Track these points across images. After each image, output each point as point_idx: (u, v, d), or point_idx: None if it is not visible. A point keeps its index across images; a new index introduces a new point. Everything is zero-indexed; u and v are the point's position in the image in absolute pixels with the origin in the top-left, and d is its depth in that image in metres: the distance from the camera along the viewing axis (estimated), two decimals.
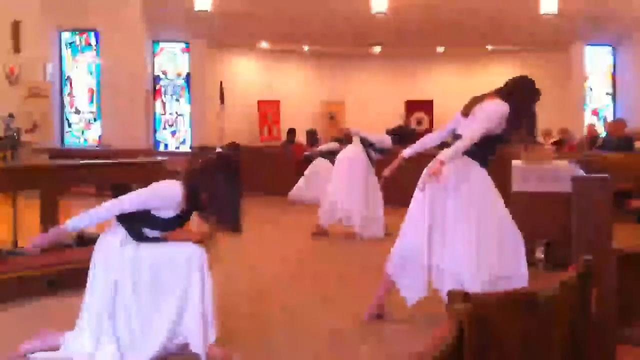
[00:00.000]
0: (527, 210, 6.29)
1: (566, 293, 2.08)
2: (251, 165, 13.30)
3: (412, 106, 18.13)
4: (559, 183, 6.22)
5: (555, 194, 6.20)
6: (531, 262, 5.95)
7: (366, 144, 8.14)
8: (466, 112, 4.45)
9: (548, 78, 17.27)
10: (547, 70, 17.32)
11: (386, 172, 4.95)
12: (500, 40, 16.81)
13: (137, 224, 3.79)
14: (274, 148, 14.61)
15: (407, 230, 4.53)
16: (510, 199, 6.41)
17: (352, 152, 8.23)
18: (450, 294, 1.72)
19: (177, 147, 16.41)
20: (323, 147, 11.70)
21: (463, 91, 18.19)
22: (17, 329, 4.25)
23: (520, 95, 4.41)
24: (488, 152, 4.41)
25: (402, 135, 8.03)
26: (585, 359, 2.22)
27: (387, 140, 8.07)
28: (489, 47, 17.66)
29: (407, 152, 4.79)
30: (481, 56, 18.21)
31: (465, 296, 1.68)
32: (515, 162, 6.58)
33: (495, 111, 4.31)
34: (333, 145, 10.95)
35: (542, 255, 5.97)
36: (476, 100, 4.46)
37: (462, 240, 4.27)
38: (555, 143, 12.42)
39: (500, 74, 18.72)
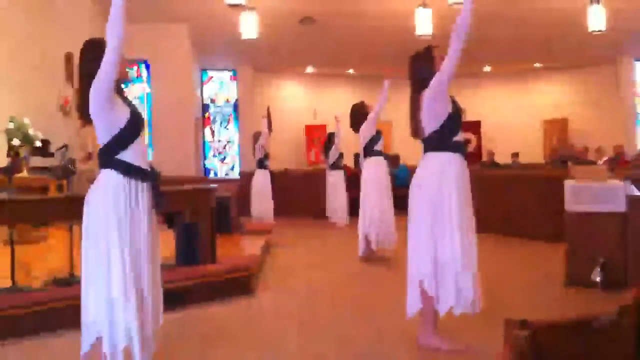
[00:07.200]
0: (581, 230, 6.17)
1: (626, 317, 2.03)
2: (299, 189, 13.42)
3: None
4: (614, 202, 6.09)
5: (611, 213, 6.06)
6: (588, 283, 5.84)
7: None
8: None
9: (597, 94, 17.04)
10: (596, 86, 17.05)
11: None
12: (548, 58, 16.61)
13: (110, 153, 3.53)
14: (321, 171, 14.65)
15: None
16: (564, 218, 6.30)
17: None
18: (507, 322, 1.70)
19: (227, 174, 16.65)
20: None
21: (511, 110, 18.26)
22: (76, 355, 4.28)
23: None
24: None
25: None
26: None
27: None
28: (537, 65, 17.45)
29: None
30: (529, 74, 17.99)
31: (523, 324, 1.66)
32: (567, 182, 6.46)
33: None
34: None
35: (599, 277, 5.83)
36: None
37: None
38: (608, 161, 12.17)
39: (548, 91, 18.54)
